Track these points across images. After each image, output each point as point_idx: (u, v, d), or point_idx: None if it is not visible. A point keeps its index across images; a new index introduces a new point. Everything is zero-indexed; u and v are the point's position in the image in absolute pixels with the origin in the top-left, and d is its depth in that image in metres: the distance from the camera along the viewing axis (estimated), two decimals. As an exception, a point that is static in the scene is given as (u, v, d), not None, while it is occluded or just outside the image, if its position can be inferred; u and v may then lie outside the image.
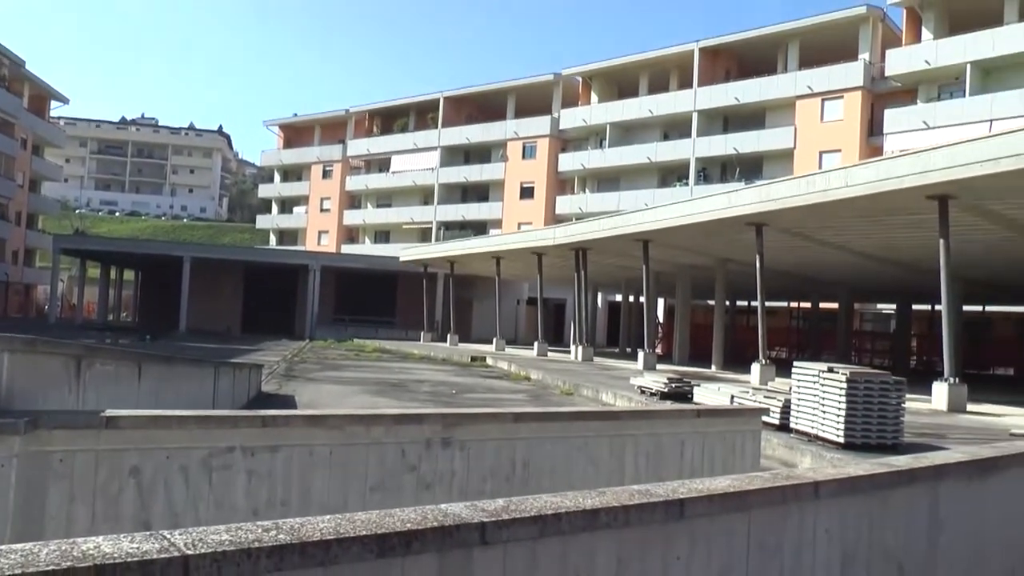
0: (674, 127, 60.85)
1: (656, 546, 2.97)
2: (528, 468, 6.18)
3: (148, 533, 2.18)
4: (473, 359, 35.83)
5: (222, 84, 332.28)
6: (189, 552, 2.05)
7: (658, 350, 42.88)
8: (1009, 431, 13.77)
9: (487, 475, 6.07)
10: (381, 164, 79.47)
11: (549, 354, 39.03)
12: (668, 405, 15.77)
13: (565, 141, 68.06)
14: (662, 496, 2.99)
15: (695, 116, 58.37)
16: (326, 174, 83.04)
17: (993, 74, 45.20)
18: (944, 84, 47.52)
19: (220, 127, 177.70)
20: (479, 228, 68.67)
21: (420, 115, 76.89)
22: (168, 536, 2.15)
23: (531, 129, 68.49)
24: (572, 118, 65.85)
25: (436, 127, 74.29)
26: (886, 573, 4.01)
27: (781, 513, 3.42)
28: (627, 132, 63.62)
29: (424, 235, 73.11)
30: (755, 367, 25.40)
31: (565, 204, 65.39)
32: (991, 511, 4.87)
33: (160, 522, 5.03)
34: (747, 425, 7.75)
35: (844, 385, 12.15)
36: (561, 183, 68.09)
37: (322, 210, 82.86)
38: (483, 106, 74.09)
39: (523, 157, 68.78)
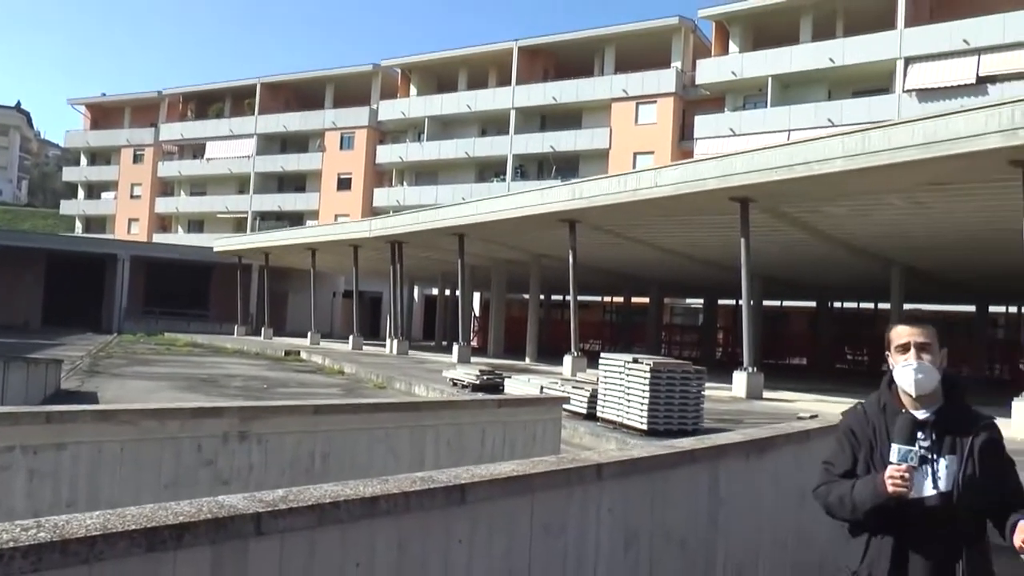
0: (492, 123, 61.48)
1: (437, 531, 2.98)
2: (328, 461, 6.12)
3: None
4: (287, 353, 35.15)
5: (21, 58, 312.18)
6: (-76, 558, 1.91)
7: (474, 343, 43.32)
8: (797, 414, 14.64)
9: (286, 468, 5.97)
10: (195, 150, 76.37)
11: (364, 348, 38.79)
12: (478, 396, 15.96)
13: (383, 133, 67.61)
14: (444, 482, 3.01)
15: (513, 113, 59.14)
16: (137, 158, 79.11)
17: (791, 88, 48.43)
18: (749, 95, 50.37)
19: (18, 103, 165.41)
20: (296, 219, 67.29)
21: (236, 100, 74.52)
22: (-99, 543, 1.98)
23: (349, 120, 67.58)
24: (391, 110, 65.46)
25: (253, 114, 72.11)
26: (669, 549, 4.18)
27: (564, 495, 3.49)
28: (446, 126, 63.82)
29: (240, 225, 71.01)
30: (567, 359, 26.04)
31: (383, 196, 64.95)
32: (767, 487, 5.18)
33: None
34: (548, 414, 7.94)
35: (648, 375, 12.64)
36: (379, 175, 67.59)
37: (132, 196, 78.89)
38: (301, 94, 72.53)
39: (341, 148, 67.80)
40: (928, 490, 2.88)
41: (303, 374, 26.54)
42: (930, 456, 2.91)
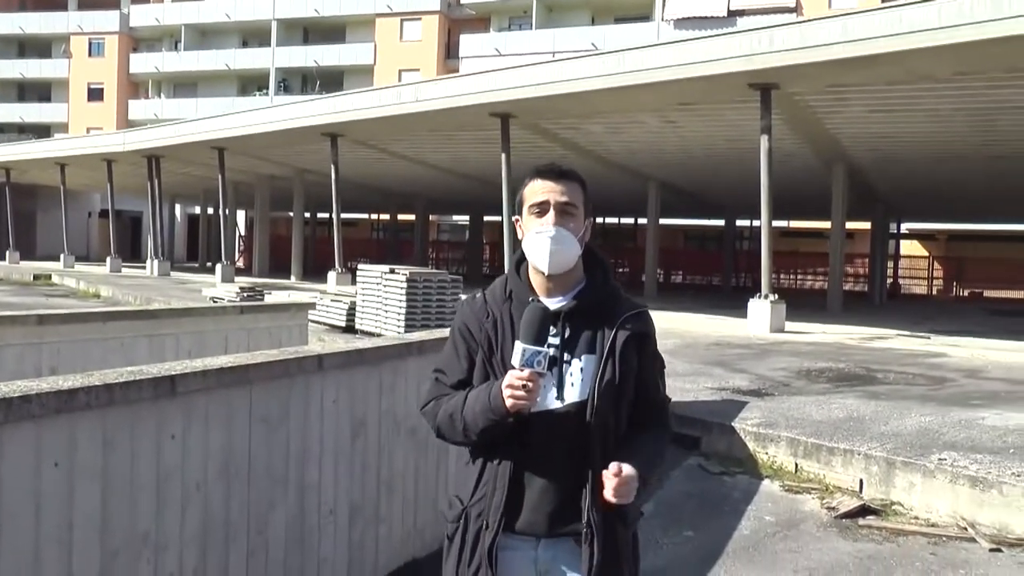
0: (254, 35, 59.31)
1: (147, 426, 2.91)
2: (57, 375, 5.84)
3: None
4: (36, 277, 32.86)
5: None
6: None
7: (240, 263, 42.27)
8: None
9: (5, 386, 5.64)
10: (-91, 53, 68.69)
11: (124, 270, 36.96)
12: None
13: (137, 40, 63.44)
14: (152, 374, 2.95)
15: (275, 24, 57.21)
16: None
17: (556, 12, 50.15)
18: (514, 16, 51.37)
19: None
20: (42, 131, 62.02)
21: (-41, -2, 67.44)
22: None
23: (98, 24, 62.59)
24: (144, 16, 61.54)
25: (-19, 13, 65.54)
26: (399, 437, 4.30)
27: (285, 386, 3.49)
28: (204, 36, 60.84)
29: (-26, 139, 65.15)
30: (331, 275, 26.01)
31: (139, 109, 61.37)
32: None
33: None
34: (293, 320, 7.92)
35: (404, 284, 12.80)
36: (134, 86, 63.59)
37: None
38: (40, -7, 66.68)
39: (90, 55, 62.90)
40: (553, 401, 2.22)
41: (54, 298, 24.97)
42: (561, 357, 2.24)
